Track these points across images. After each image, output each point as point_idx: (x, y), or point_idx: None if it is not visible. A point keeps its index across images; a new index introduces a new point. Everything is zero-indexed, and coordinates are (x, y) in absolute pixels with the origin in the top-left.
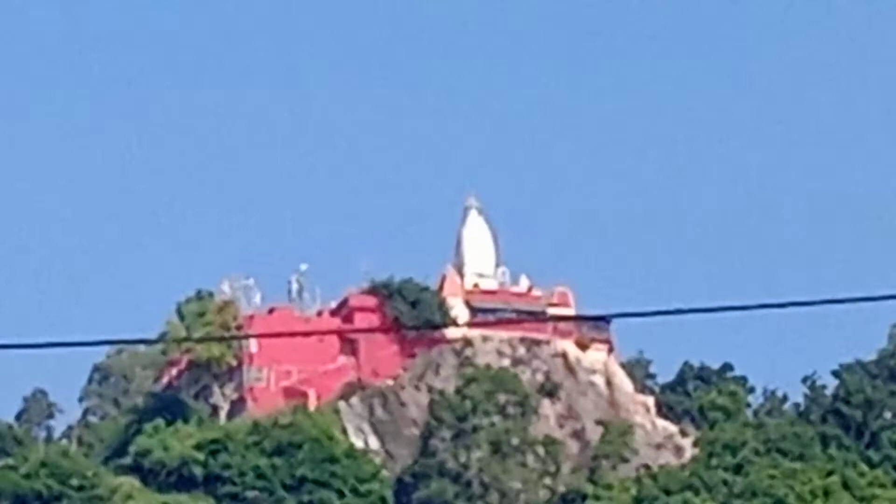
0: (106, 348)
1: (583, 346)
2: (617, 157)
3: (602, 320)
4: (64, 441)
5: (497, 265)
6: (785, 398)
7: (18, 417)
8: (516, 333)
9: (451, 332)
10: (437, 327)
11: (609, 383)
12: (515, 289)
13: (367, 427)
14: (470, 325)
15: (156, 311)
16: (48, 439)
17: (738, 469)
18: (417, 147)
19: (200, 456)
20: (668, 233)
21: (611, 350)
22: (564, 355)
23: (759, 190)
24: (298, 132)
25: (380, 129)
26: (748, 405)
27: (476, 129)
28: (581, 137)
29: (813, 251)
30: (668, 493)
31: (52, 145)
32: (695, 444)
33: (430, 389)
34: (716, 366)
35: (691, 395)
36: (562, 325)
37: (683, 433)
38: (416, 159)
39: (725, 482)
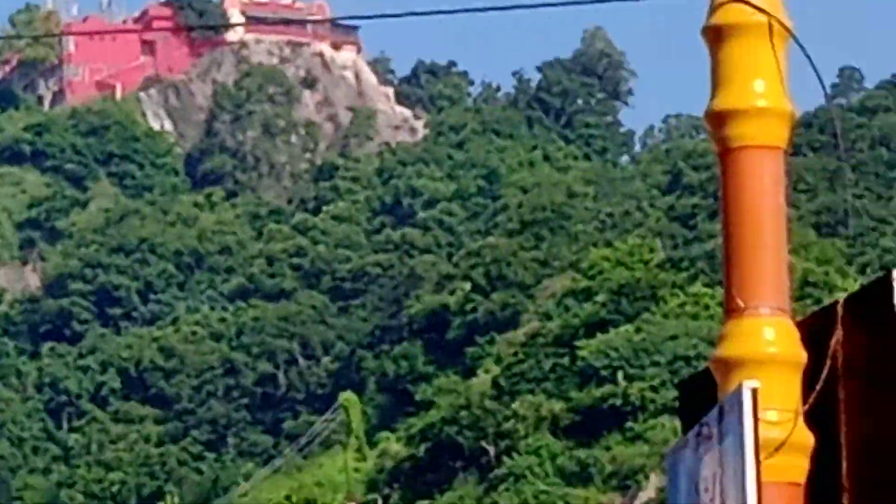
0: None
1: (336, 48)
2: None
3: (352, 26)
4: None
5: None
6: (498, 88)
7: None
8: (283, 37)
9: (230, 36)
10: (218, 30)
11: (357, 77)
12: (282, 1)
13: (163, 113)
14: (245, 28)
15: None
16: None
17: (460, 145)
18: None
19: (28, 136)
20: None
21: (359, 50)
22: (321, 55)
23: None
24: None
25: None
26: (469, 94)
27: None
28: None
29: None
30: (404, 165)
31: None
32: (426, 126)
33: (214, 82)
34: (443, 62)
35: (423, 86)
36: (319, 30)
37: (417, 117)
38: None
39: (450, 156)
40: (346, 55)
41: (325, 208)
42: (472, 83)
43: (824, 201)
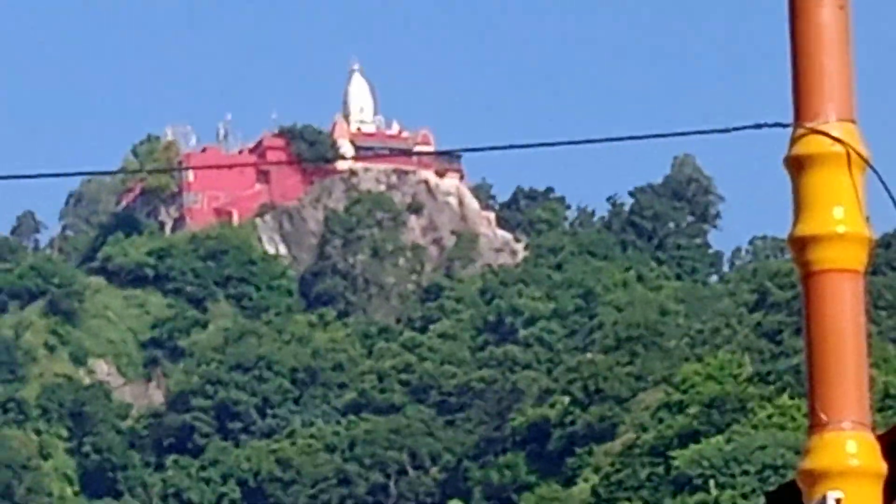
0: (80, 178)
1: (440, 175)
2: (466, 32)
3: (455, 155)
4: (48, 250)
5: (375, 114)
6: (593, 213)
7: (13, 232)
8: (390, 165)
9: (340, 165)
10: (329, 161)
11: (460, 203)
12: (389, 132)
13: (277, 238)
14: (355, 159)
15: (117, 151)
16: (35, 249)
17: (558, 267)
18: (310, 21)
19: (151, 260)
20: (505, 84)
21: (462, 177)
22: (426, 182)
23: (600, 50)
24: (224, 13)
25: (287, 8)
26: (566, 218)
27: (359, 8)
28: (440, 11)
29: (614, 96)
30: (505, 285)
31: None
32: (525, 248)
33: (325, 208)
34: (541, 188)
35: (523, 211)
36: (424, 159)
37: (517, 240)
38: (312, 32)
39: (549, 277)
40: (450, 182)
41: (431, 327)
42: (568, 208)
43: None
